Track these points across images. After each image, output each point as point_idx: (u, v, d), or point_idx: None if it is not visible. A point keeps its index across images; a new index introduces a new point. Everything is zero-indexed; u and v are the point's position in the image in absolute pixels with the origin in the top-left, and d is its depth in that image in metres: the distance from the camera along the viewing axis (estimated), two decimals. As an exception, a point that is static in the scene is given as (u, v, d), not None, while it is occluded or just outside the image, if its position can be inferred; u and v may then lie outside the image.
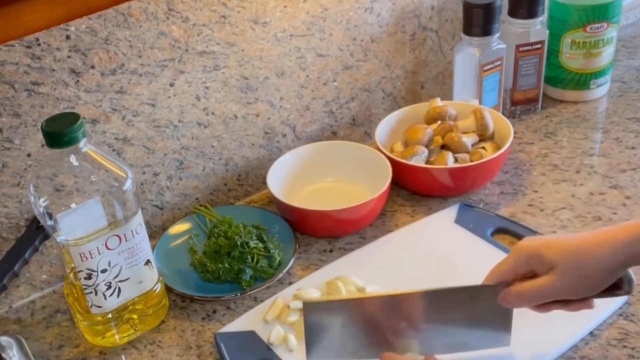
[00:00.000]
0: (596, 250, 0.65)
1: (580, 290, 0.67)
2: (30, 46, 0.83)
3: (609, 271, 0.66)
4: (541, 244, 0.68)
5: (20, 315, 0.93)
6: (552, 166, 1.10)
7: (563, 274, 0.66)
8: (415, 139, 1.06)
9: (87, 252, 0.78)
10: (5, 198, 0.89)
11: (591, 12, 1.16)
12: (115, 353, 0.86)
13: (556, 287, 0.67)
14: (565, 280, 0.66)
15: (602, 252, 0.65)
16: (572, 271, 0.66)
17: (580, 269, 0.65)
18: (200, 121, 1.01)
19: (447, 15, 1.20)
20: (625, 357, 0.78)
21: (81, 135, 0.75)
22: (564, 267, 0.66)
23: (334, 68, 1.10)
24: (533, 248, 0.68)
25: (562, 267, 0.66)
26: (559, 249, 0.67)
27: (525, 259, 0.69)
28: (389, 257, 0.95)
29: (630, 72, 1.33)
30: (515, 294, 0.69)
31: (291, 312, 0.86)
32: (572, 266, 0.66)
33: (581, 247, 0.66)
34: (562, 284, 0.66)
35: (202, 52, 0.96)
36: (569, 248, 0.66)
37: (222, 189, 1.08)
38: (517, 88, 1.20)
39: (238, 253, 0.93)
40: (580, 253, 0.66)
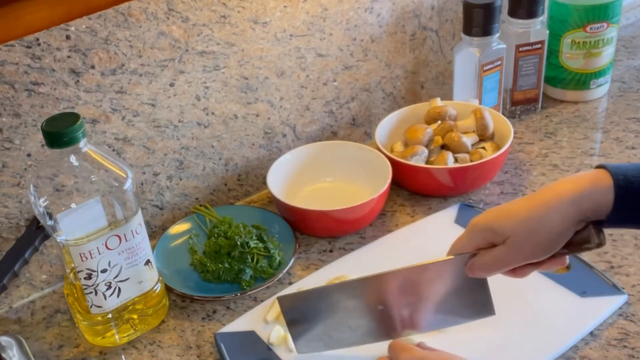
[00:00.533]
0: (546, 214, 0.66)
1: (538, 254, 0.68)
2: (30, 46, 0.83)
3: (562, 231, 0.66)
4: (493, 217, 0.69)
5: (20, 315, 0.93)
6: (552, 166, 1.10)
7: (517, 244, 0.67)
8: (415, 139, 1.06)
9: (87, 252, 0.78)
10: (5, 198, 0.89)
11: (591, 12, 1.16)
12: (115, 353, 0.86)
13: (513, 256, 0.68)
14: (521, 249, 0.67)
15: (552, 215, 0.66)
16: (525, 239, 0.67)
17: (532, 235, 0.66)
18: (200, 121, 1.01)
19: (447, 15, 1.20)
20: (625, 357, 0.78)
21: (81, 135, 0.75)
22: (517, 237, 0.67)
23: (334, 68, 1.10)
24: (485, 223, 0.70)
25: (515, 237, 0.67)
26: (510, 220, 0.68)
27: (480, 235, 0.70)
28: (389, 257, 0.95)
29: (630, 72, 1.33)
30: (478, 266, 0.71)
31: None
32: (524, 234, 0.67)
33: (531, 213, 0.67)
34: (518, 252, 0.68)
35: (202, 52, 0.96)
36: (519, 216, 0.67)
37: (222, 189, 1.08)
38: (517, 88, 1.20)
39: (238, 253, 0.93)
40: (530, 219, 0.66)
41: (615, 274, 0.88)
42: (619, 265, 0.90)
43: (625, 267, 0.89)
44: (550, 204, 0.66)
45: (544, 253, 0.68)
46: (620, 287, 0.85)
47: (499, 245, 0.69)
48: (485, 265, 0.70)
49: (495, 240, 0.69)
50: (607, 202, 0.64)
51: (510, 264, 0.70)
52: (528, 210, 0.67)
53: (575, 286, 0.85)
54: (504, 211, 0.69)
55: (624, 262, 0.90)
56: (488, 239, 0.70)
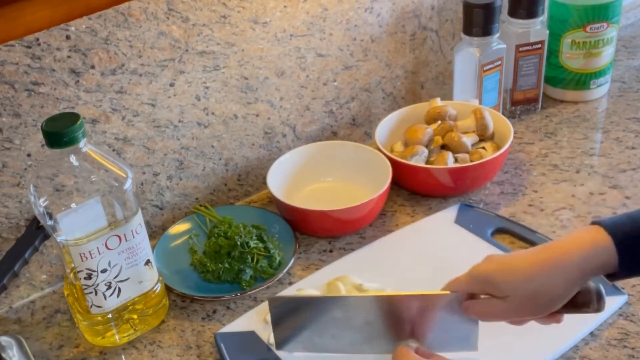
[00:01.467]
0: (548, 276, 0.66)
1: (536, 312, 0.68)
2: (30, 46, 0.83)
3: (563, 294, 0.66)
4: (495, 271, 0.68)
5: (20, 315, 0.93)
6: (552, 166, 1.10)
7: (516, 302, 0.67)
8: (415, 139, 1.06)
9: (87, 252, 0.78)
10: (5, 198, 0.89)
11: (591, 12, 1.16)
12: (115, 353, 0.86)
13: (511, 313, 0.68)
14: (519, 307, 0.67)
15: (553, 277, 0.65)
16: (525, 299, 0.67)
17: (532, 296, 0.66)
18: (200, 121, 1.01)
19: (447, 15, 1.20)
20: (625, 357, 0.78)
21: (81, 135, 0.75)
22: (516, 296, 0.67)
23: (334, 68, 1.10)
24: (487, 276, 0.69)
25: (515, 297, 0.67)
26: (511, 276, 0.67)
27: (480, 285, 0.70)
28: (389, 257, 0.95)
29: (630, 72, 1.33)
30: (473, 311, 0.71)
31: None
32: (524, 294, 0.66)
33: (533, 273, 0.66)
34: (516, 310, 0.68)
35: (202, 52, 0.96)
36: (521, 275, 0.67)
37: (222, 189, 1.08)
38: (517, 88, 1.20)
39: (238, 253, 0.93)
40: (532, 281, 0.66)
41: (615, 274, 0.88)
42: (619, 265, 0.90)
43: (625, 267, 0.89)
44: (553, 266, 0.66)
45: (542, 312, 0.68)
46: (620, 287, 0.85)
47: (498, 299, 0.68)
48: (481, 314, 0.71)
49: (494, 294, 0.69)
50: (611, 261, 0.64)
51: (507, 319, 0.70)
52: (530, 270, 0.66)
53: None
54: (506, 266, 0.68)
55: (624, 262, 0.90)
56: (487, 291, 0.69)
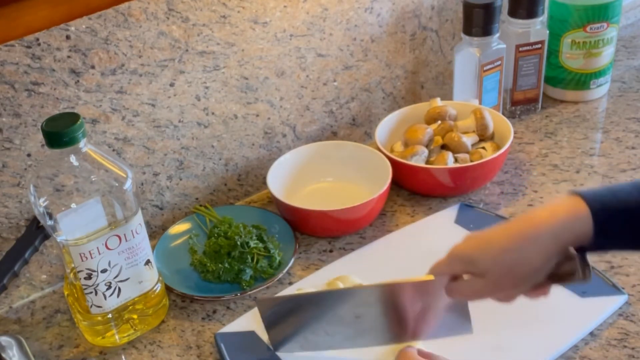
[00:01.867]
0: (523, 247, 0.65)
1: (517, 285, 0.67)
2: (30, 46, 0.83)
3: (540, 265, 0.65)
4: (472, 248, 0.68)
5: (20, 315, 0.93)
6: (552, 166, 1.10)
7: (495, 277, 0.67)
8: (415, 139, 1.06)
9: (87, 252, 0.78)
10: (5, 198, 0.89)
11: (591, 12, 1.16)
12: (115, 353, 0.86)
13: (492, 289, 0.68)
14: (500, 283, 0.67)
15: (529, 248, 0.65)
16: (502, 273, 0.66)
17: (509, 270, 0.66)
18: (200, 121, 1.01)
19: (447, 15, 1.20)
20: (625, 357, 0.78)
21: (81, 135, 0.75)
22: (494, 271, 0.66)
23: (334, 68, 1.10)
24: (465, 254, 0.69)
25: (493, 272, 0.66)
26: (487, 251, 0.67)
27: (460, 265, 0.69)
28: (389, 257, 0.95)
29: (630, 72, 1.33)
30: (457, 292, 0.71)
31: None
32: (501, 269, 0.66)
33: (508, 245, 0.66)
34: (496, 286, 0.67)
35: (202, 52, 0.96)
36: (496, 248, 0.66)
37: (222, 189, 1.08)
38: (517, 88, 1.20)
39: (238, 253, 0.93)
40: (507, 254, 0.65)
41: (615, 274, 0.88)
42: (619, 265, 0.90)
43: (625, 267, 0.89)
44: (527, 237, 0.65)
45: (524, 285, 0.67)
46: (620, 287, 0.85)
47: (478, 278, 0.68)
48: (465, 294, 0.71)
49: (473, 272, 0.68)
50: (586, 232, 0.63)
51: (490, 296, 0.69)
52: (505, 243, 0.66)
53: (575, 286, 0.85)
54: (483, 242, 0.68)
55: (624, 262, 0.90)
56: (468, 269, 0.69)
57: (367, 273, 0.91)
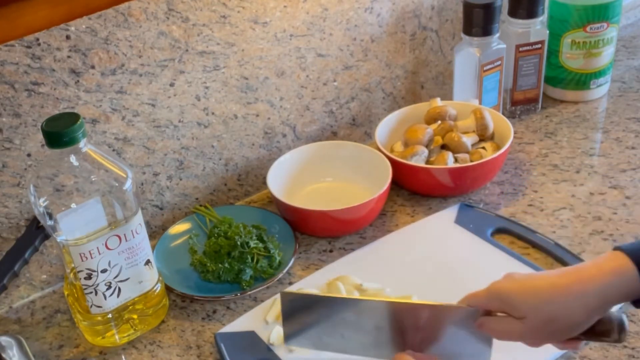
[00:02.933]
0: (567, 300, 0.65)
1: (553, 336, 0.67)
2: (30, 46, 0.83)
3: (582, 321, 0.65)
4: (514, 289, 0.68)
5: (20, 315, 0.93)
6: (552, 166, 1.10)
7: (533, 324, 0.66)
8: (415, 139, 1.06)
9: (87, 252, 0.78)
10: (5, 198, 0.89)
11: (591, 12, 1.16)
12: (115, 353, 0.86)
13: (527, 334, 0.67)
14: (536, 330, 0.67)
15: (573, 303, 0.65)
16: (542, 322, 0.66)
17: (550, 320, 0.65)
18: (200, 121, 1.01)
19: (447, 15, 1.20)
20: (625, 357, 0.78)
21: (81, 135, 0.75)
22: (534, 318, 0.66)
23: (334, 68, 1.10)
24: (506, 294, 0.68)
25: (533, 318, 0.66)
26: (530, 297, 0.66)
27: (498, 303, 0.69)
28: (389, 257, 0.95)
29: (630, 72, 1.33)
30: (489, 329, 0.70)
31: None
32: (542, 317, 0.66)
33: (553, 296, 0.65)
34: (532, 332, 0.67)
35: (202, 52, 0.96)
36: (540, 297, 0.66)
37: (222, 189, 1.08)
38: (517, 88, 1.20)
39: (238, 253, 0.93)
40: (551, 304, 0.65)
41: (615, 274, 0.88)
42: (619, 265, 0.90)
43: (625, 267, 0.89)
44: (573, 291, 0.65)
45: (560, 338, 0.67)
46: (620, 287, 0.85)
47: (515, 319, 0.67)
48: (497, 332, 0.70)
49: (511, 313, 0.68)
50: (635, 288, 0.63)
51: (523, 340, 0.69)
52: (550, 293, 0.65)
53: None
54: (526, 286, 0.67)
55: (624, 262, 0.90)
56: (505, 309, 0.68)
57: (367, 273, 0.91)
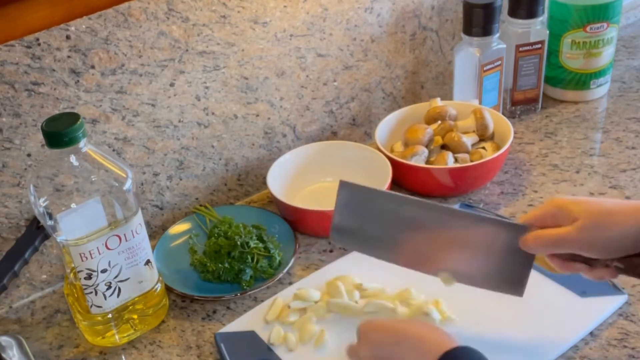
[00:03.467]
0: (623, 216, 0.66)
1: (597, 249, 0.67)
2: (30, 46, 0.83)
3: (631, 239, 0.66)
4: (572, 200, 0.70)
5: (20, 315, 0.93)
6: (552, 166, 1.10)
7: (583, 228, 0.67)
8: (415, 139, 1.06)
9: (87, 252, 0.78)
10: (5, 198, 0.89)
11: (591, 12, 1.16)
12: (115, 353, 0.86)
13: (573, 238, 0.68)
14: (584, 234, 0.67)
15: (628, 219, 0.66)
16: (593, 228, 0.66)
17: (601, 228, 0.66)
18: (200, 121, 1.01)
19: (447, 15, 1.20)
20: (625, 357, 0.78)
21: (81, 135, 0.75)
22: (586, 222, 0.67)
23: (334, 68, 1.10)
24: (563, 202, 0.70)
25: (584, 222, 0.67)
26: (587, 206, 0.68)
27: (553, 211, 0.70)
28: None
29: (630, 72, 1.33)
30: (533, 237, 0.71)
31: (291, 313, 0.86)
32: (594, 223, 0.66)
33: (610, 210, 0.67)
34: (579, 236, 0.67)
35: (202, 52, 0.96)
36: (597, 208, 0.67)
37: (222, 189, 1.08)
38: (517, 88, 1.20)
39: (238, 253, 0.93)
40: (606, 214, 0.67)
41: (615, 274, 0.88)
42: (619, 265, 0.90)
43: (625, 267, 0.89)
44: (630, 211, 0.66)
45: (606, 252, 0.67)
46: (620, 287, 0.85)
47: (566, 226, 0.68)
48: (540, 238, 0.70)
49: (564, 222, 0.69)
50: None
51: (565, 245, 0.69)
52: (609, 207, 0.67)
53: (575, 286, 0.85)
54: (585, 200, 0.69)
55: (624, 262, 0.90)
56: (558, 219, 0.69)
57: (367, 273, 0.91)
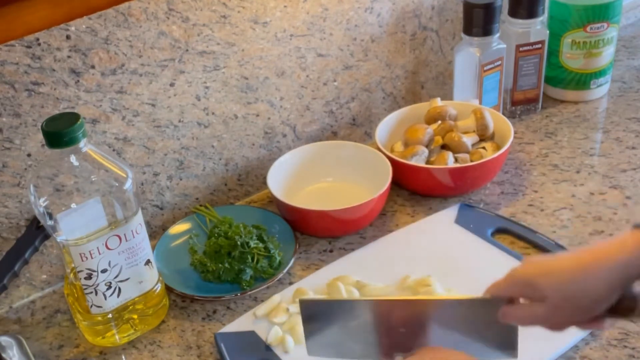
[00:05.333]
0: (588, 279, 0.64)
1: (576, 315, 0.67)
2: (31, 46, 0.83)
3: (604, 298, 0.65)
4: (533, 272, 0.67)
5: (21, 315, 0.93)
6: (552, 166, 1.10)
7: (554, 306, 0.66)
8: (415, 138, 1.06)
9: (87, 252, 0.78)
10: (5, 198, 0.89)
11: (591, 12, 1.16)
12: (116, 353, 0.86)
13: (547, 317, 0.67)
14: (559, 309, 0.66)
15: (595, 282, 0.64)
16: (564, 300, 0.65)
17: (572, 301, 0.65)
18: (200, 121, 1.01)
19: (447, 15, 1.20)
20: (625, 357, 0.78)
21: (81, 135, 0.75)
22: (556, 300, 0.66)
23: (334, 68, 1.10)
24: (527, 278, 0.68)
25: (554, 300, 0.66)
26: (552, 279, 0.66)
27: (518, 288, 0.68)
28: (389, 257, 0.95)
29: (631, 72, 1.33)
30: (512, 317, 0.70)
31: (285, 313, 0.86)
32: (563, 299, 0.65)
33: (574, 276, 0.65)
34: (555, 312, 0.66)
35: (202, 52, 0.96)
36: (561, 278, 0.65)
37: (222, 189, 1.08)
38: (517, 88, 1.20)
39: (238, 253, 0.93)
40: (573, 283, 0.65)
41: (616, 274, 0.88)
42: (619, 265, 0.89)
43: (625, 267, 0.89)
44: (594, 267, 0.64)
45: (583, 316, 0.66)
46: (620, 287, 0.85)
47: (537, 303, 0.67)
48: (521, 319, 0.69)
49: (533, 297, 0.67)
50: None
51: (546, 323, 0.68)
52: (570, 271, 0.65)
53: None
54: (545, 267, 0.67)
55: (624, 262, 0.90)
56: (526, 293, 0.68)
57: (367, 273, 0.91)
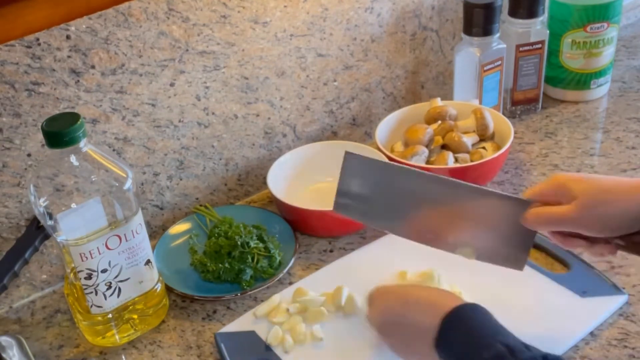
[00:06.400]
0: (622, 195, 0.65)
1: (596, 227, 0.67)
2: (31, 46, 0.83)
3: (630, 217, 0.65)
4: (572, 178, 0.69)
5: (21, 315, 0.93)
6: (552, 166, 1.10)
7: (582, 206, 0.66)
8: (415, 138, 1.06)
9: (87, 252, 0.78)
10: (5, 198, 0.89)
11: (591, 12, 1.16)
12: (116, 353, 0.86)
13: (571, 217, 0.67)
14: (582, 214, 0.66)
15: (628, 198, 0.65)
16: (592, 206, 0.66)
17: (600, 206, 0.66)
18: (200, 121, 1.01)
19: (448, 15, 1.20)
20: (625, 357, 0.78)
21: (81, 135, 0.75)
22: (585, 200, 0.66)
23: (334, 68, 1.10)
24: (563, 179, 0.69)
25: (583, 200, 0.66)
26: (587, 184, 0.67)
27: (553, 188, 0.70)
28: (389, 257, 0.95)
29: (631, 72, 1.33)
30: (533, 215, 0.70)
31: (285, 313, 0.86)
32: (593, 201, 0.66)
33: (610, 189, 0.66)
34: (578, 216, 0.67)
35: (203, 52, 0.96)
36: (597, 186, 0.67)
37: (222, 189, 1.08)
38: (517, 88, 1.20)
39: (238, 253, 0.93)
40: (606, 192, 0.66)
41: (616, 274, 0.88)
42: (619, 265, 0.90)
43: (625, 267, 0.89)
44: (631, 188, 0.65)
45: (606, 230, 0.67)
46: (620, 287, 0.85)
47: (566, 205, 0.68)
48: (541, 216, 0.70)
49: (564, 199, 0.68)
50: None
51: (565, 224, 0.69)
52: (609, 185, 0.66)
53: (575, 286, 0.85)
54: (586, 177, 0.69)
55: (624, 262, 0.90)
56: (559, 197, 0.69)
57: (367, 273, 0.91)
